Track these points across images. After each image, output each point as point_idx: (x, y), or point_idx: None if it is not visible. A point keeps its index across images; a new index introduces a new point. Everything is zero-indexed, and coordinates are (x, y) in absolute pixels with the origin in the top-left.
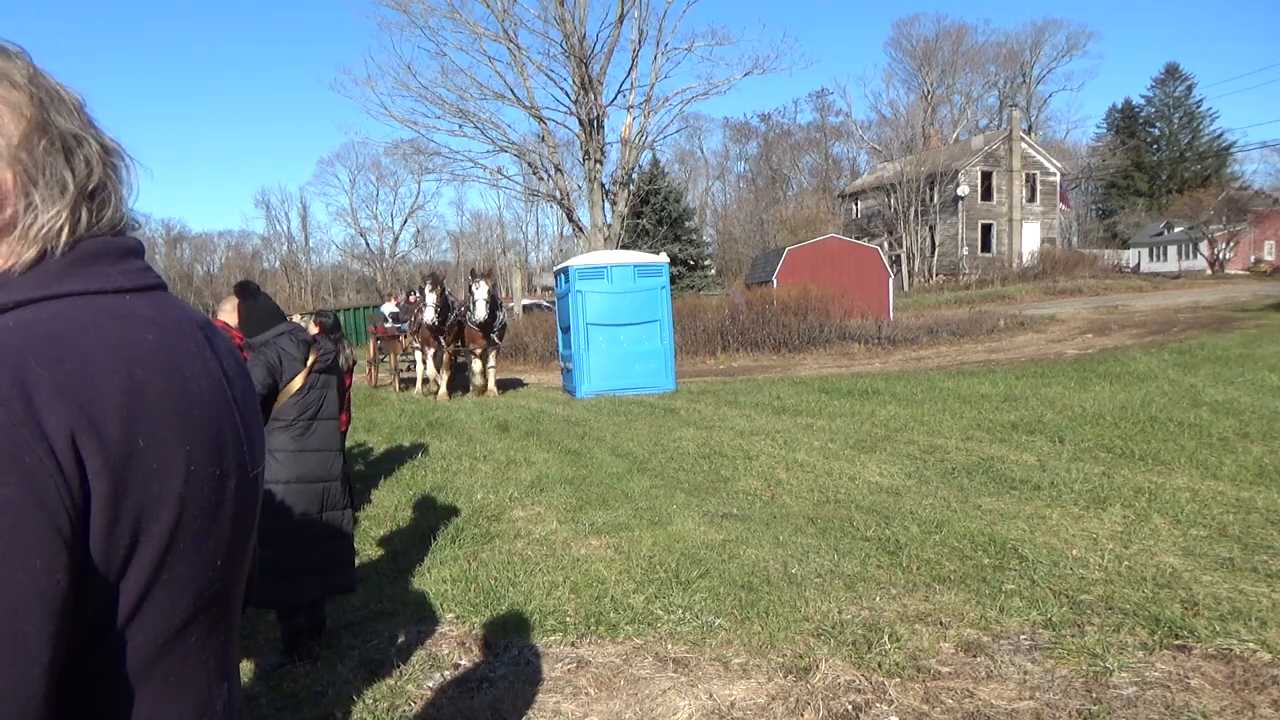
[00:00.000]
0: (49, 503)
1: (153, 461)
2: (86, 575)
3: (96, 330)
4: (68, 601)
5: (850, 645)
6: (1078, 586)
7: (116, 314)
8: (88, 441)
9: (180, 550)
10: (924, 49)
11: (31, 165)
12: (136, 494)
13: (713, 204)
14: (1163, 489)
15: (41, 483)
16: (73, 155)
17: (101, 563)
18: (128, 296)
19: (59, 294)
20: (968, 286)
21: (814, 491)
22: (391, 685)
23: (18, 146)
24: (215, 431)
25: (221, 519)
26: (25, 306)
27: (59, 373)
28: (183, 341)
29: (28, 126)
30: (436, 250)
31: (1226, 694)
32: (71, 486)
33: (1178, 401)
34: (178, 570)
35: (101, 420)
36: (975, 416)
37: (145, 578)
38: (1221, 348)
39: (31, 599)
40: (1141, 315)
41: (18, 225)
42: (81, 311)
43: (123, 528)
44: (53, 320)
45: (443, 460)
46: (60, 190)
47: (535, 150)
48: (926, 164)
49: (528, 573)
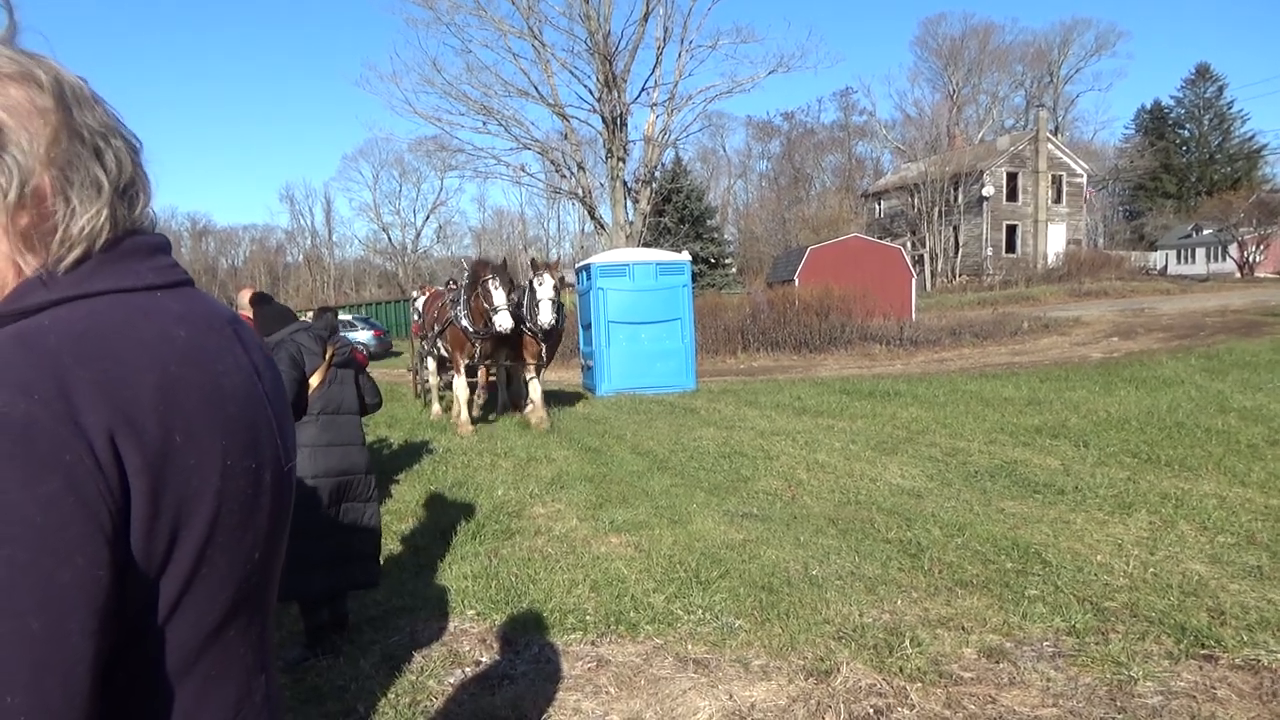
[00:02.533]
0: (90, 500)
1: (190, 457)
2: (127, 572)
3: (130, 328)
4: (110, 598)
5: (871, 649)
6: (1102, 593)
7: (149, 311)
8: (126, 439)
9: (219, 545)
10: (950, 48)
11: (66, 167)
12: (175, 490)
13: (734, 202)
14: (1189, 495)
15: (82, 481)
16: (103, 154)
17: (142, 559)
18: (159, 293)
19: (91, 293)
20: (991, 288)
21: (835, 492)
22: (413, 681)
23: (49, 149)
24: (249, 426)
25: (258, 513)
26: (58, 306)
27: (96, 371)
28: (213, 337)
29: (57, 128)
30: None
31: (1254, 705)
32: (111, 484)
33: (1205, 407)
34: (217, 565)
35: (139, 418)
36: (998, 419)
37: (185, 573)
38: (1250, 353)
39: (75, 596)
40: (1168, 319)
41: (59, 228)
42: (114, 310)
43: (162, 524)
44: (87, 319)
45: (463, 456)
46: (96, 190)
47: (558, 148)
48: (951, 164)
49: (548, 570)
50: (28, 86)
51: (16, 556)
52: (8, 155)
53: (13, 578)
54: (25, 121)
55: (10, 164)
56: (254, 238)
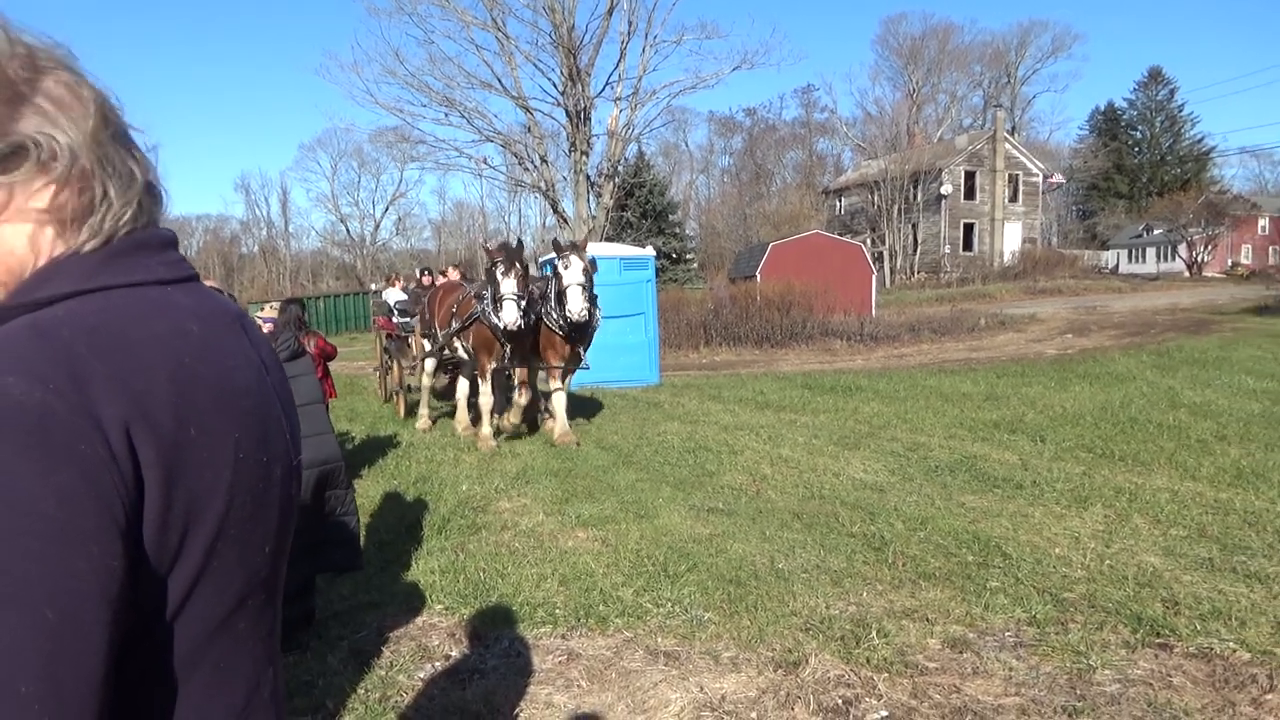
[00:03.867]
0: (105, 492)
1: (203, 451)
2: (139, 564)
3: (144, 322)
4: (124, 589)
5: (839, 640)
6: (1061, 584)
7: (162, 306)
8: (141, 432)
9: (230, 538)
10: (911, 47)
11: (104, 155)
12: (188, 483)
13: (696, 198)
14: (1143, 489)
15: (97, 472)
16: (134, 148)
17: (154, 552)
18: (169, 288)
19: (103, 286)
20: (949, 285)
21: (799, 487)
22: (382, 676)
23: (94, 134)
24: (260, 420)
25: (269, 507)
26: (71, 299)
27: (111, 364)
28: (224, 332)
29: (99, 117)
30: (418, 239)
31: (1208, 692)
32: (125, 476)
33: (1156, 403)
34: (228, 558)
35: (154, 411)
36: (957, 415)
37: (196, 566)
38: (1199, 350)
39: (89, 586)
40: (1120, 316)
41: (94, 214)
42: (128, 303)
43: (175, 517)
44: (100, 312)
45: (426, 451)
46: (130, 180)
47: (521, 141)
48: (911, 162)
49: (516, 564)
50: (73, 75)
51: (31, 546)
52: (60, 134)
53: (27, 567)
54: (72, 106)
55: (62, 142)
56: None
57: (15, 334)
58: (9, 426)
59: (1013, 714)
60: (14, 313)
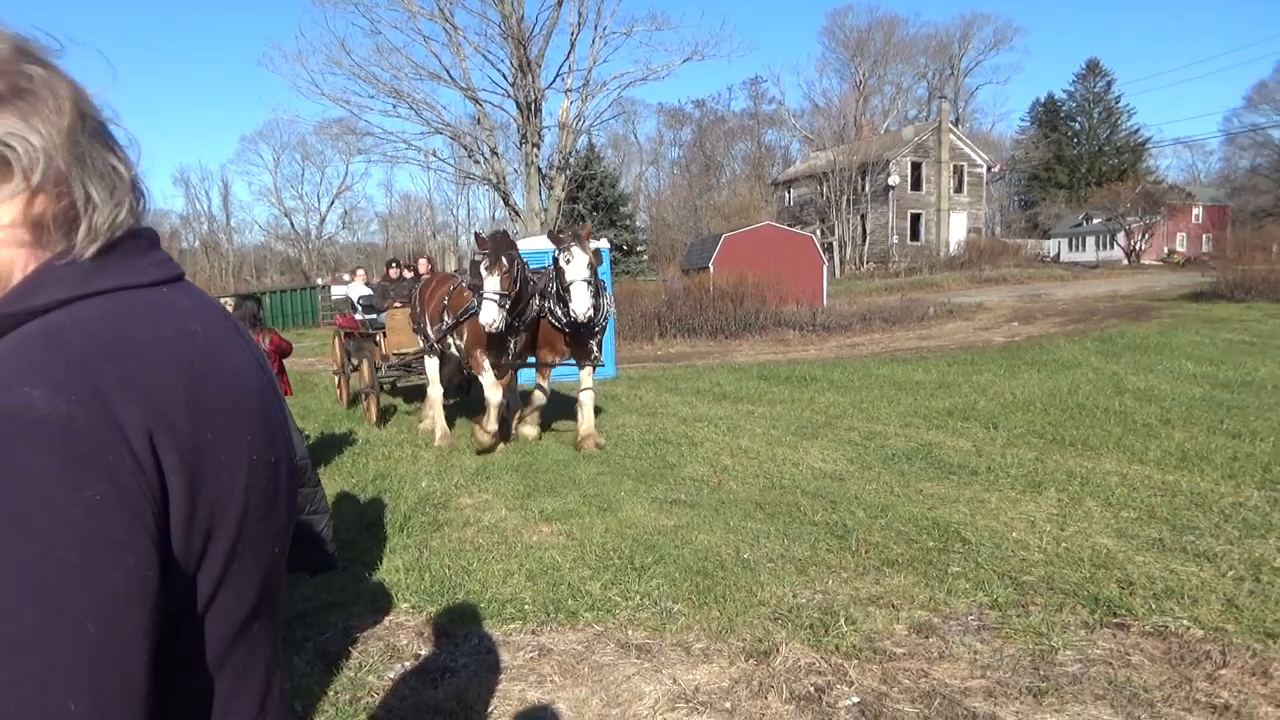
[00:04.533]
0: (135, 501)
1: (221, 453)
2: (167, 572)
3: (150, 325)
4: (159, 598)
5: (808, 628)
6: (1020, 568)
7: (163, 307)
8: (163, 438)
9: (247, 541)
10: (857, 39)
11: (83, 155)
12: (209, 487)
13: (646, 189)
14: (1093, 473)
15: (126, 481)
16: (116, 145)
17: (181, 558)
18: (164, 289)
19: (100, 290)
20: (897, 274)
21: (759, 477)
22: (351, 677)
23: (69, 134)
24: (266, 420)
25: (278, 506)
26: (71, 304)
27: (125, 370)
28: (223, 331)
29: (76, 115)
30: (365, 232)
31: (1165, 669)
32: (151, 484)
33: (1102, 389)
34: (245, 561)
35: (173, 416)
36: (911, 403)
37: (219, 570)
38: (1140, 336)
39: (128, 597)
40: (1063, 304)
41: (80, 219)
42: (130, 306)
43: (199, 522)
44: (105, 317)
45: (383, 448)
46: (115, 180)
47: (470, 133)
48: (858, 153)
49: (481, 561)
50: (48, 71)
51: (69, 560)
52: (32, 136)
53: (66, 582)
54: (46, 104)
55: (36, 144)
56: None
57: (24, 344)
58: (37, 440)
59: (980, 696)
60: (6, 322)
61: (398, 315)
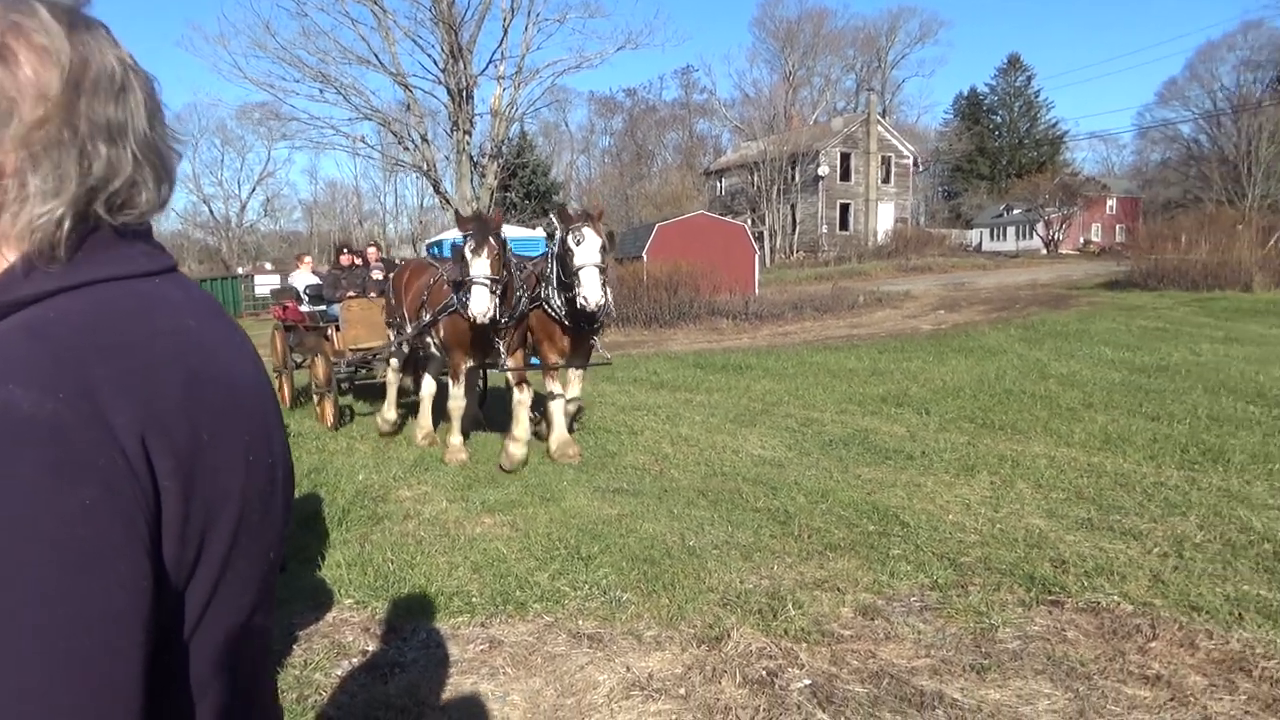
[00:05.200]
0: (127, 506)
1: (218, 456)
2: (160, 582)
3: (141, 318)
4: (153, 607)
5: (757, 613)
6: (958, 549)
7: (156, 300)
8: (157, 440)
9: (242, 547)
10: (786, 30)
11: (39, 153)
12: (203, 492)
13: (577, 178)
14: (1023, 456)
15: (119, 486)
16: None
17: (174, 566)
18: (156, 279)
19: (88, 281)
20: (827, 263)
21: (700, 465)
22: (297, 675)
23: (30, 131)
24: (263, 418)
25: (274, 510)
26: (55, 297)
27: (116, 367)
28: (218, 325)
29: (48, 114)
30: (288, 220)
31: (1099, 643)
32: (145, 488)
33: (1028, 374)
34: (240, 567)
35: (167, 416)
36: (846, 390)
37: (214, 577)
38: (1061, 323)
39: (122, 607)
40: (987, 292)
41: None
42: (121, 299)
43: (193, 529)
44: (94, 310)
45: (316, 440)
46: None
47: (400, 119)
48: (789, 144)
49: (424, 554)
50: (44, 61)
51: (57, 570)
52: None
53: (56, 593)
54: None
55: None
56: None
57: (7, 339)
58: (22, 443)
59: (926, 675)
60: None
61: (354, 306)
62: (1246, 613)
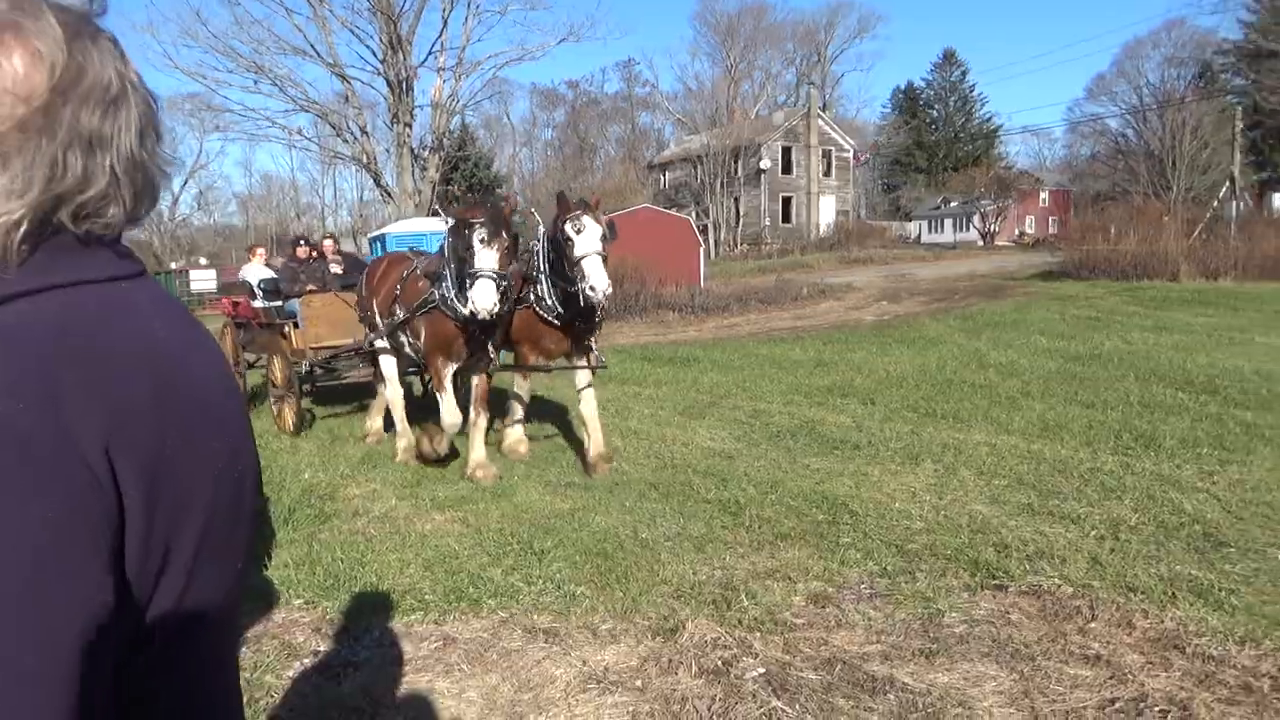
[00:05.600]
0: (91, 516)
1: (183, 465)
2: (122, 596)
3: (109, 323)
4: (113, 622)
5: (711, 604)
6: (904, 536)
7: (124, 305)
8: (121, 446)
9: (206, 558)
10: (727, 24)
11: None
12: (168, 502)
13: (520, 171)
14: (965, 444)
15: (82, 495)
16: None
17: (136, 578)
18: (124, 284)
19: (54, 285)
20: (770, 256)
21: (651, 458)
22: (247, 677)
23: (8, 128)
24: (232, 426)
25: (241, 521)
26: (16, 300)
27: (83, 372)
28: (187, 331)
29: (30, 112)
30: (222, 214)
31: (1041, 625)
32: (108, 498)
33: (968, 364)
34: (206, 578)
35: (133, 424)
36: (792, 381)
37: (178, 589)
38: (998, 314)
39: (82, 622)
40: (927, 284)
41: None
42: (88, 303)
43: (156, 540)
44: (61, 313)
45: (259, 439)
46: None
47: (339, 111)
48: (731, 137)
49: (374, 552)
50: (35, 64)
51: (16, 581)
52: None
53: (13, 605)
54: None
55: None
56: None
57: None
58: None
59: (877, 660)
60: None
61: (315, 302)
62: (1180, 592)
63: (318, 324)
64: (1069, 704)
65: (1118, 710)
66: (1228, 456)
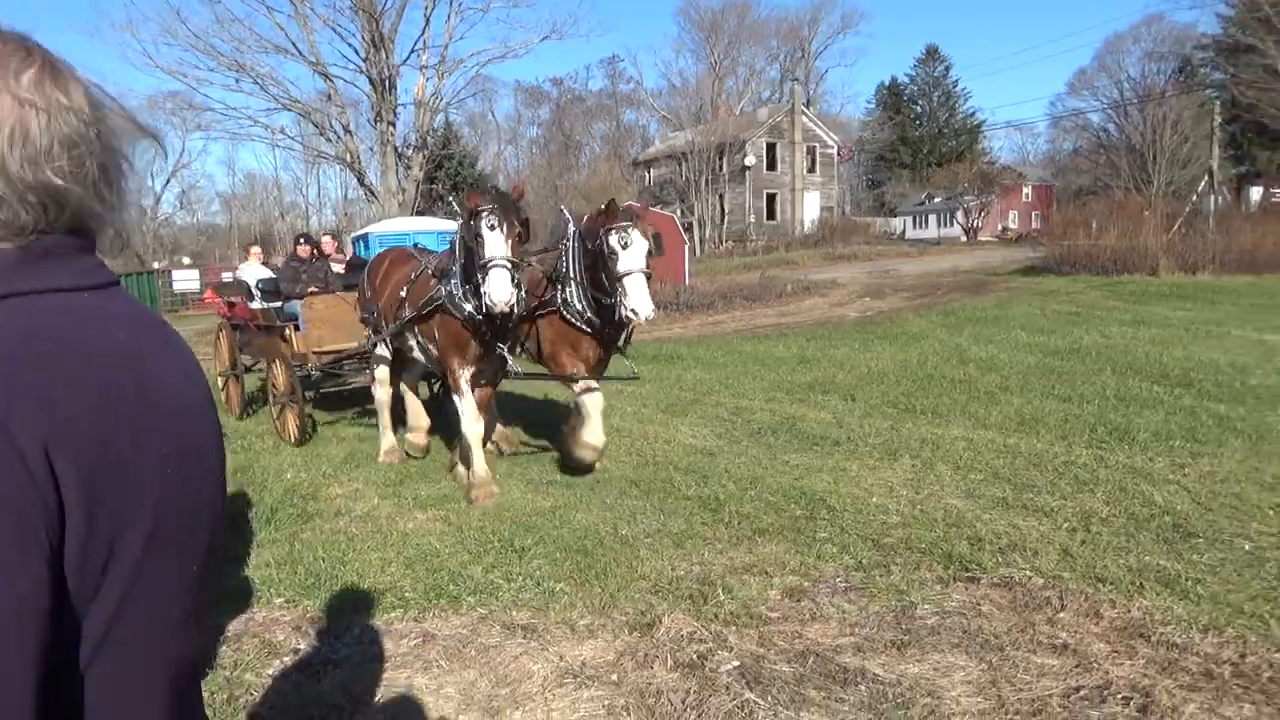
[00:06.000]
0: (28, 518)
1: (129, 470)
2: (62, 594)
3: (64, 330)
4: (51, 624)
5: (688, 599)
6: (880, 531)
7: (85, 313)
8: (61, 450)
9: (156, 563)
10: (711, 20)
11: None
12: (111, 506)
13: (505, 169)
14: (943, 439)
15: (19, 496)
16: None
17: (75, 581)
18: (86, 294)
19: (12, 292)
20: (755, 252)
21: (632, 455)
22: (228, 676)
23: None
24: (190, 434)
25: (198, 526)
26: None
27: (29, 376)
28: (151, 341)
29: None
30: (205, 212)
31: (1011, 616)
32: (47, 499)
33: (948, 359)
34: (155, 582)
35: (75, 427)
36: (774, 378)
37: (120, 594)
38: (980, 309)
39: (16, 625)
40: (910, 280)
41: None
42: (43, 310)
43: (97, 544)
44: (12, 320)
45: (242, 440)
46: None
47: (322, 110)
48: (715, 134)
49: (356, 551)
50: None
51: None
52: None
53: None
54: None
55: None
56: None
57: None
58: None
59: (850, 652)
60: None
61: (317, 304)
62: (1147, 582)
63: (320, 326)
64: (1035, 692)
65: (1082, 698)
66: (1199, 449)
